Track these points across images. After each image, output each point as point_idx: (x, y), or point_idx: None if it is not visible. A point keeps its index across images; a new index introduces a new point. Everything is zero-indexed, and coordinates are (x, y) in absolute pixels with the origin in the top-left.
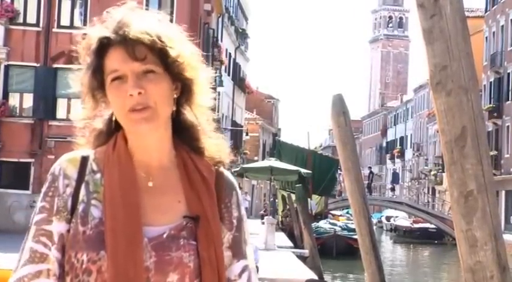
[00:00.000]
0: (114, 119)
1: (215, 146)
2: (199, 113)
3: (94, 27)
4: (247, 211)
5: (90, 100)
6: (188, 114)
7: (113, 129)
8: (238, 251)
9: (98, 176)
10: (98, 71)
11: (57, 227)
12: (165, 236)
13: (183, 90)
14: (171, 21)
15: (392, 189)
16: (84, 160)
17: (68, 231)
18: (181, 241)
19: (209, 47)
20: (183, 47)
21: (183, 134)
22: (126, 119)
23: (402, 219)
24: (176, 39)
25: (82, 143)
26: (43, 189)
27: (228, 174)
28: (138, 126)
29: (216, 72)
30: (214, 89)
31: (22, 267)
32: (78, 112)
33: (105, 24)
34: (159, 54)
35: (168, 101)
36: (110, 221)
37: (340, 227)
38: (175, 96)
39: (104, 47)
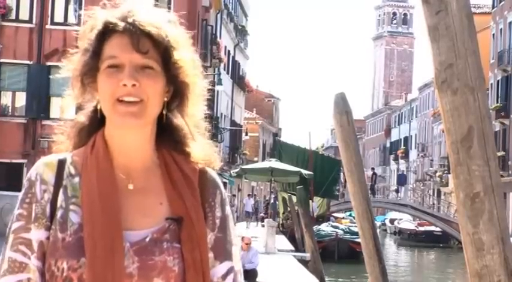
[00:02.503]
0: (99, 108)
1: (201, 150)
2: (189, 119)
3: (101, 10)
4: (251, 215)
5: (78, 85)
6: (176, 118)
7: (96, 124)
8: (221, 252)
9: (77, 179)
10: (95, 55)
11: (36, 234)
12: (147, 240)
13: (175, 96)
14: None
15: (397, 191)
16: (61, 164)
17: (48, 238)
18: (165, 244)
19: (207, 44)
20: (186, 52)
21: (167, 136)
22: (113, 110)
23: (406, 222)
24: (181, 42)
25: (62, 140)
26: (20, 196)
27: (212, 172)
28: (124, 120)
29: (214, 70)
30: (212, 100)
31: (1, 278)
32: (63, 99)
33: (113, 9)
34: (162, 52)
35: (159, 101)
36: (88, 227)
37: (342, 230)
38: (166, 99)
39: (107, 31)
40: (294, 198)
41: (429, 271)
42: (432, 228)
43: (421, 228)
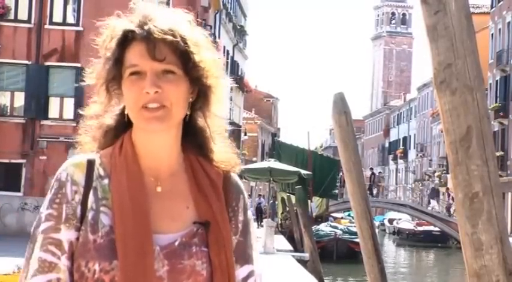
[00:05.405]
0: (126, 113)
1: (224, 153)
2: (211, 120)
3: (119, 19)
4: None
5: (103, 93)
6: (200, 119)
7: (122, 127)
8: (241, 255)
9: (106, 181)
10: (117, 63)
11: (67, 235)
12: (176, 243)
13: (199, 96)
14: None
15: (429, 202)
16: (91, 164)
17: (77, 239)
18: (194, 248)
19: None
20: (206, 53)
21: (193, 139)
22: (139, 116)
23: (405, 222)
24: (201, 43)
25: (87, 141)
26: (49, 196)
27: (235, 177)
28: (149, 125)
29: None
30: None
31: (31, 278)
32: (89, 107)
33: (130, 17)
34: (181, 56)
35: (183, 104)
36: (120, 229)
37: (341, 230)
38: (190, 100)
39: (127, 39)
40: (293, 198)
41: (428, 271)
42: (431, 228)
43: (420, 228)
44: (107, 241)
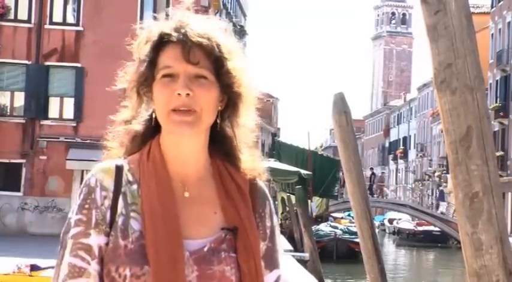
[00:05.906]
0: (154, 117)
1: (251, 162)
2: (238, 130)
3: (155, 22)
4: None
5: (134, 96)
6: (228, 129)
7: (150, 132)
8: (270, 261)
9: (135, 186)
10: (151, 65)
11: (96, 240)
12: (205, 249)
13: (229, 105)
14: None
15: (437, 206)
16: (119, 170)
17: (106, 244)
18: (222, 254)
19: None
20: (239, 61)
21: (220, 146)
22: (168, 119)
23: (405, 222)
24: (234, 51)
25: (114, 146)
26: (78, 202)
27: (261, 183)
28: (178, 128)
29: None
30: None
31: None
32: (120, 113)
33: (166, 21)
34: (214, 62)
35: (213, 110)
36: (151, 235)
37: (341, 230)
38: (220, 108)
39: (162, 42)
40: (293, 198)
41: (428, 271)
42: (431, 228)
43: (420, 228)
44: (137, 246)
